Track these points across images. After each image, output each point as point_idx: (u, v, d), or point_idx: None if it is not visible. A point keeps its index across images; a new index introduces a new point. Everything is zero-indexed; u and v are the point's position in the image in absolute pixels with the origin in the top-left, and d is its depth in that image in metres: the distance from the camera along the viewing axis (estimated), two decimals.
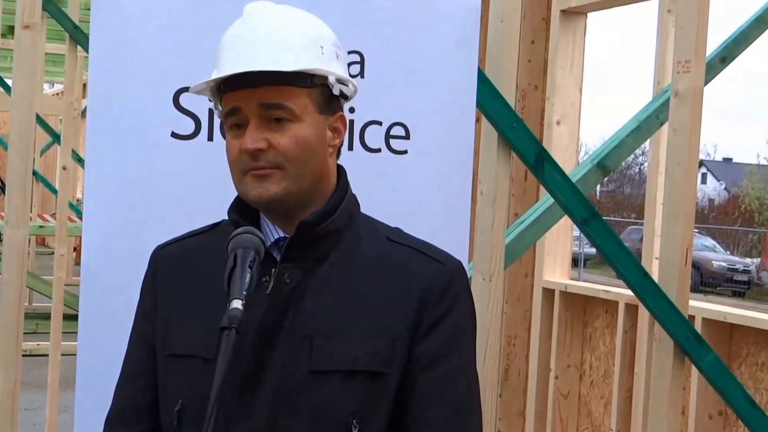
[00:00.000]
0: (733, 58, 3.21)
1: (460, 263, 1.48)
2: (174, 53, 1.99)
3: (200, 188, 1.96)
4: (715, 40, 3.04)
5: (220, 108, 1.44)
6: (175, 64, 1.98)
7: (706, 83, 2.51)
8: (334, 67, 1.43)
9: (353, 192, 1.51)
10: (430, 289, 1.41)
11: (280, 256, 1.42)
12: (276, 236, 1.44)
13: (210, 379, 1.34)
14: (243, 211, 1.45)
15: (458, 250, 2.07)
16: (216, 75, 1.41)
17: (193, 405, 1.40)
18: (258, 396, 1.37)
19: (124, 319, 1.58)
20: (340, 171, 1.49)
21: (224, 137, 1.44)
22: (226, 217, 1.48)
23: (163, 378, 1.46)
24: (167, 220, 1.88)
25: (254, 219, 1.45)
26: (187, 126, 2.01)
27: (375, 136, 2.11)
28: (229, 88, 1.39)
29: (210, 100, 1.48)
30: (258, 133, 1.37)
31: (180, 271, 1.49)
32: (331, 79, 1.42)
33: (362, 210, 1.52)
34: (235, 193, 1.46)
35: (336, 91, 1.43)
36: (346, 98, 1.47)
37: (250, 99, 1.37)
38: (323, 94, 1.42)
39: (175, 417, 1.41)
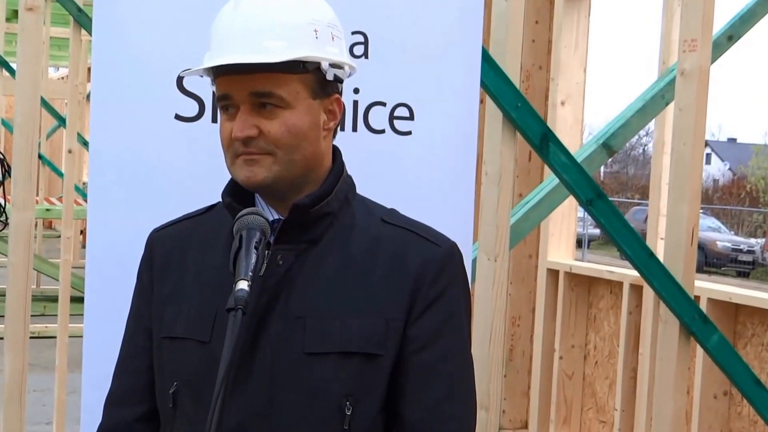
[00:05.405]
0: (739, 37, 3.19)
1: (455, 244, 1.47)
2: (177, 36, 1.98)
3: (204, 170, 1.96)
4: (721, 18, 3.02)
5: (215, 85, 1.43)
6: (178, 47, 1.98)
7: (712, 62, 2.51)
8: (328, 51, 1.40)
9: (353, 174, 1.50)
10: (424, 271, 1.40)
11: (273, 239, 1.41)
12: (271, 218, 1.43)
13: (205, 360, 1.35)
14: (237, 193, 1.44)
15: (462, 231, 2.07)
16: (207, 62, 1.40)
17: (189, 387, 1.40)
18: (253, 376, 1.37)
19: (129, 300, 1.58)
20: (336, 152, 1.48)
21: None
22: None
23: (158, 360, 1.46)
24: (172, 201, 1.88)
25: (249, 201, 1.44)
26: (190, 108, 2.01)
27: (379, 117, 2.10)
28: (220, 72, 1.39)
29: (203, 78, 1.47)
30: (249, 119, 1.36)
31: (176, 254, 1.49)
32: (324, 65, 1.39)
33: (367, 191, 1.52)
34: None
35: (330, 77, 1.41)
36: (341, 81, 1.45)
37: (240, 86, 1.36)
38: (317, 79, 1.40)
39: (170, 399, 1.41)
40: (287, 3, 1.39)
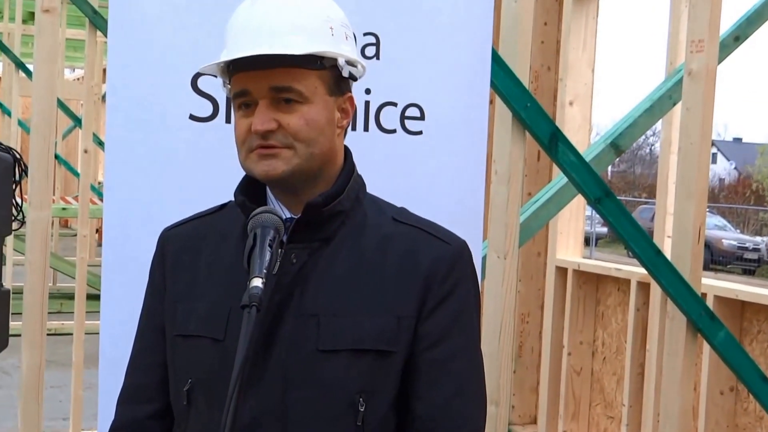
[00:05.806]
0: (746, 37, 3.21)
1: (464, 242, 1.48)
2: (191, 36, 2.01)
3: (218, 170, 1.98)
4: (728, 19, 3.04)
5: (229, 86, 1.44)
6: (192, 48, 2.00)
7: (719, 62, 2.53)
8: (343, 49, 1.42)
9: (364, 173, 1.51)
10: (435, 269, 1.42)
11: (286, 237, 1.41)
12: (283, 217, 1.44)
13: (219, 358, 1.36)
14: (249, 192, 1.45)
15: (472, 230, 2.10)
16: (225, 56, 1.40)
17: (203, 384, 1.41)
18: (267, 373, 1.38)
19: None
20: (347, 152, 1.50)
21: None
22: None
23: (171, 358, 1.47)
24: (186, 201, 1.90)
25: (261, 200, 1.45)
26: (205, 108, 2.04)
27: (390, 117, 2.13)
28: (238, 69, 1.39)
29: (217, 79, 1.48)
30: (268, 114, 1.37)
31: (187, 252, 1.50)
32: (341, 61, 1.41)
33: (379, 190, 1.54)
34: None
35: (345, 73, 1.43)
36: (355, 79, 1.47)
37: (259, 81, 1.37)
38: (333, 76, 1.42)
39: (184, 396, 1.42)
40: (302, 2, 1.41)
